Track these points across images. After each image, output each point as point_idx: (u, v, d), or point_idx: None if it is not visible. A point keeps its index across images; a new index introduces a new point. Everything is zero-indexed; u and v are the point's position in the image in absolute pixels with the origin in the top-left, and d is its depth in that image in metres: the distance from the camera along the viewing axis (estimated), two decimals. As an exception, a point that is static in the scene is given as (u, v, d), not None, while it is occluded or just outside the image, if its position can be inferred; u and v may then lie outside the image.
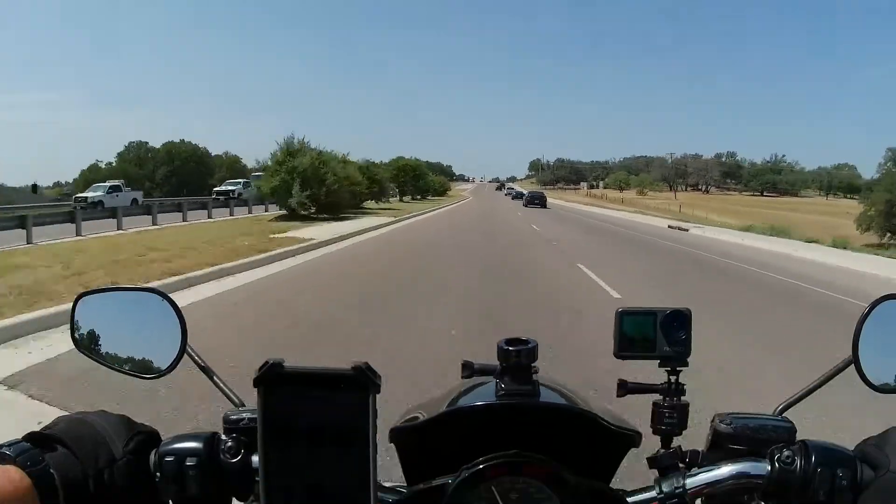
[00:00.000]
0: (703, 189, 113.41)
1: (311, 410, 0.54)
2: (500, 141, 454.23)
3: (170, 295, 0.70)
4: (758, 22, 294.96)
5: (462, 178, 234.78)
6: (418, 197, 51.87)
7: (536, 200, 42.05)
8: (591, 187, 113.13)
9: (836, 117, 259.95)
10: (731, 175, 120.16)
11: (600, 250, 13.88)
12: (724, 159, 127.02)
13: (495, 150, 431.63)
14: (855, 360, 0.68)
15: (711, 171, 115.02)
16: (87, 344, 0.71)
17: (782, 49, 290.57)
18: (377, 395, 0.54)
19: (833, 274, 11.16)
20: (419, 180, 52.29)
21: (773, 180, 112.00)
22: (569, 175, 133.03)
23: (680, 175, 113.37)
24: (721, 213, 48.49)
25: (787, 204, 74.37)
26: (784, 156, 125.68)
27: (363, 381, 0.53)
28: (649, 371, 0.75)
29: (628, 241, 17.47)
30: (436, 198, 55.77)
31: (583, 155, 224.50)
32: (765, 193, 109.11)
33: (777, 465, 0.62)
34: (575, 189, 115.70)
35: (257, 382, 0.54)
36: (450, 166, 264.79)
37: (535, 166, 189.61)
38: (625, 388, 0.75)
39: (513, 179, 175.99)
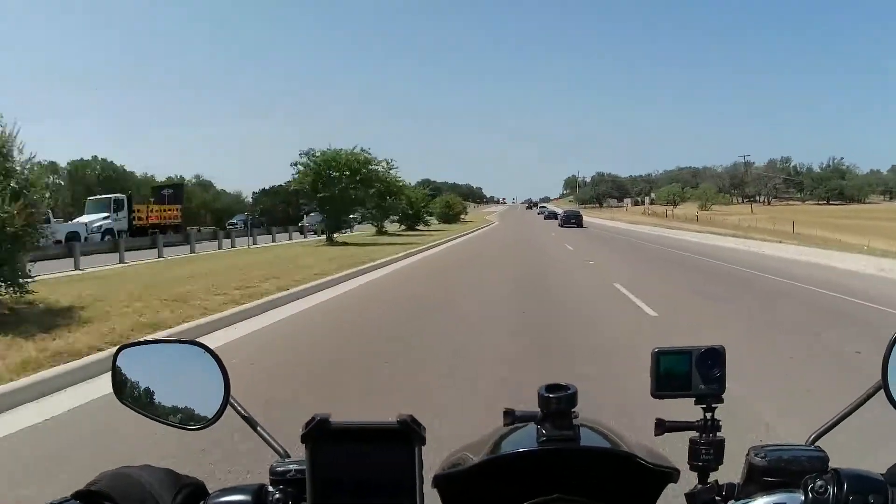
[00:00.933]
0: (765, 200, 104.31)
1: (359, 464, 0.54)
2: (531, 161, 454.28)
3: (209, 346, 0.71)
4: (794, 19, 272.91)
5: (493, 201, 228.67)
6: (401, 229, 32.34)
7: (573, 220, 42.96)
8: (637, 203, 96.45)
9: (885, 115, 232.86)
10: (789, 182, 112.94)
11: None
12: (778, 165, 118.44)
13: (527, 171, 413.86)
14: (885, 384, 0.69)
15: (773, 178, 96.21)
16: (130, 395, 0.73)
17: (823, 47, 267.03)
18: (423, 448, 0.55)
19: None
20: (386, 197, 26.26)
21: (839, 186, 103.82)
22: (610, 190, 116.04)
23: (735, 185, 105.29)
24: (846, 232, 31.82)
25: (871, 212, 63.64)
26: (842, 159, 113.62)
27: (408, 435, 0.54)
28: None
29: None
30: (439, 227, 39.48)
31: (621, 170, 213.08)
32: (830, 201, 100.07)
33: (811, 494, 0.64)
34: (619, 206, 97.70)
35: (305, 439, 0.55)
36: (479, 188, 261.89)
37: (571, 183, 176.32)
38: (662, 427, 0.78)
39: (546, 200, 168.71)
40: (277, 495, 0.63)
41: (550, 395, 0.69)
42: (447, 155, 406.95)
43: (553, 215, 63.21)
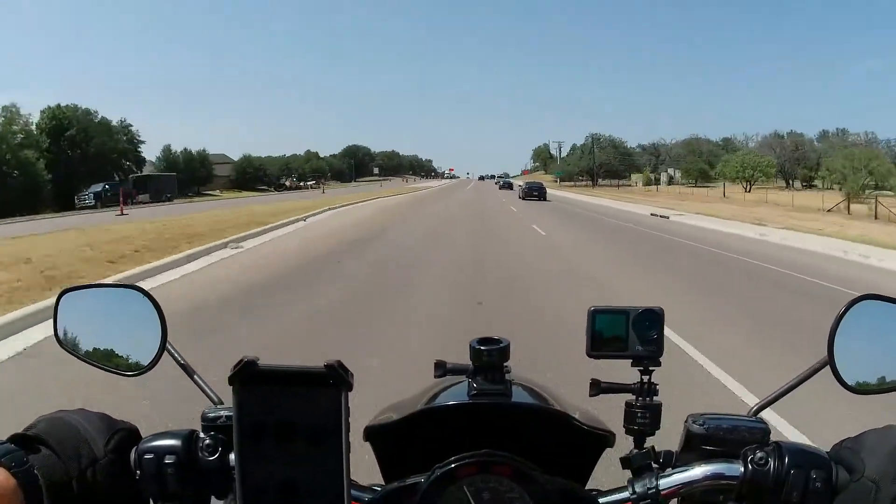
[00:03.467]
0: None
1: (286, 408, 0.67)
2: (491, 134, 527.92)
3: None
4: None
5: (440, 174, 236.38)
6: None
7: (535, 192, 48.56)
8: (650, 182, 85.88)
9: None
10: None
11: None
12: (830, 138, 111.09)
13: (489, 145, 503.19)
14: (830, 360, 0.86)
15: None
16: (70, 340, 0.93)
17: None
18: (349, 394, 0.70)
19: None
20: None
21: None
22: (610, 160, 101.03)
23: (798, 160, 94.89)
24: None
25: None
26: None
27: (336, 379, 0.66)
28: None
29: None
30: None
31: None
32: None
33: (750, 466, 0.78)
34: (626, 185, 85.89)
35: (232, 380, 0.69)
36: (429, 161, 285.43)
37: (542, 154, 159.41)
38: (597, 388, 0.95)
39: (506, 175, 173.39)
40: (207, 441, 0.81)
41: (482, 348, 0.88)
42: (399, 126, 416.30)
43: (507, 185, 79.59)
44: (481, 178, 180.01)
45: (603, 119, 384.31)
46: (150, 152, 76.17)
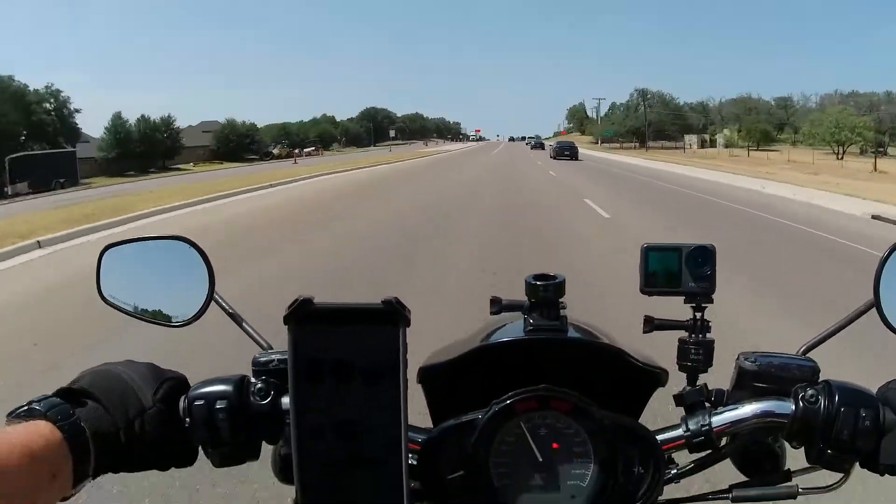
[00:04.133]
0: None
1: (342, 346, 0.69)
2: (528, 96, 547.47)
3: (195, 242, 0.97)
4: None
5: (465, 137, 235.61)
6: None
7: (566, 151, 51.11)
8: (704, 144, 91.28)
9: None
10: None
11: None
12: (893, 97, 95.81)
13: (525, 107, 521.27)
14: (876, 302, 0.90)
15: None
16: (114, 295, 0.96)
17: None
18: (407, 330, 0.74)
19: None
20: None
21: None
22: (663, 121, 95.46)
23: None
24: None
25: None
26: None
27: (393, 316, 0.68)
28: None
29: None
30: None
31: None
32: None
33: (801, 403, 0.82)
34: (683, 146, 79.77)
35: (287, 319, 0.69)
36: (457, 123, 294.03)
37: (577, 114, 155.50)
38: (651, 325, 0.98)
39: (538, 137, 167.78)
40: (259, 385, 0.84)
41: (538, 283, 0.91)
42: (424, 88, 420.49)
43: (540, 145, 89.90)
44: (511, 139, 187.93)
45: (640, 75, 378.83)
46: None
